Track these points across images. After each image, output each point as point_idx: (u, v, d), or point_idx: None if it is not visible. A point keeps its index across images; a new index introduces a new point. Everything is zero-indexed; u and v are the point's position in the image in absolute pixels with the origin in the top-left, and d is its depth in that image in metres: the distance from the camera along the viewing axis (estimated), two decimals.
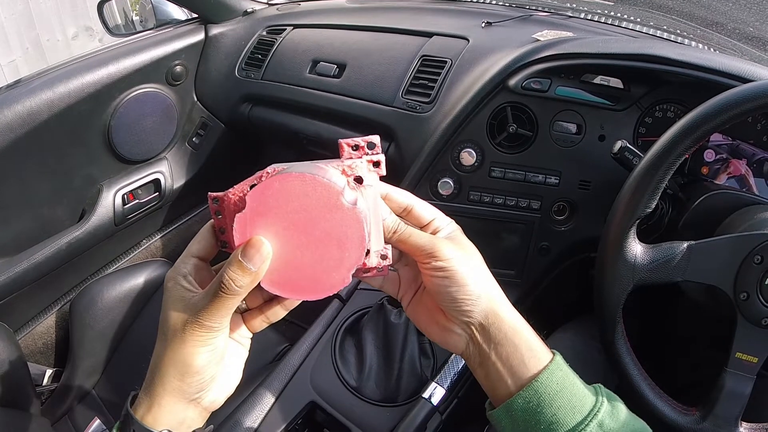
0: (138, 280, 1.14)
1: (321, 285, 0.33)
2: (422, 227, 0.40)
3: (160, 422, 0.35)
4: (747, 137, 0.71)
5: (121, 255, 1.20)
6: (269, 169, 0.34)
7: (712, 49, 0.84)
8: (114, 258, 1.19)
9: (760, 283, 0.52)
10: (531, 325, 0.39)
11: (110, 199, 1.08)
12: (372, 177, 0.36)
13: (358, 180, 0.34)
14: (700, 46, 0.86)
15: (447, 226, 0.40)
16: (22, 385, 0.93)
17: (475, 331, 0.38)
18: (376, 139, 0.36)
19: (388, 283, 0.43)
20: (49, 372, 1.08)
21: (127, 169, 1.13)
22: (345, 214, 0.32)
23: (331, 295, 0.34)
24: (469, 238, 0.40)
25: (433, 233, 0.39)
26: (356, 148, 0.36)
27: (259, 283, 0.34)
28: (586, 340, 0.76)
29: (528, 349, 0.37)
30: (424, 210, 0.40)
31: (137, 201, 1.14)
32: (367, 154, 0.36)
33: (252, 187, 0.34)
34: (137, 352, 1.09)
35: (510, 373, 0.37)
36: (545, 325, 0.83)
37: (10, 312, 1.00)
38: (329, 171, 0.33)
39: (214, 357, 0.35)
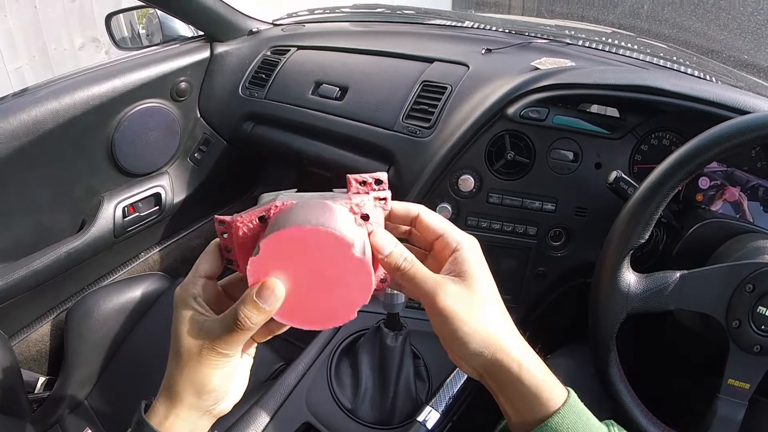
0: (135, 292, 1.14)
1: (328, 318, 0.36)
2: (433, 242, 0.39)
3: (174, 430, 0.37)
4: (741, 164, 0.73)
5: (119, 267, 1.20)
6: (278, 202, 0.36)
7: (708, 77, 0.85)
8: (112, 269, 1.19)
9: (752, 310, 0.53)
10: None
11: (111, 211, 1.09)
12: (378, 213, 0.37)
13: (365, 218, 0.36)
14: (696, 73, 0.87)
15: (458, 245, 0.37)
16: (14, 391, 0.92)
17: (480, 373, 0.38)
18: (383, 176, 0.37)
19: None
20: (42, 380, 1.07)
21: (129, 181, 1.14)
22: (355, 265, 0.34)
23: (336, 326, 0.35)
24: None
25: (443, 256, 0.38)
26: (363, 183, 0.37)
27: None
28: (581, 365, 0.76)
29: (535, 396, 0.36)
30: (433, 220, 0.39)
31: (137, 214, 1.14)
32: (374, 190, 0.37)
33: (260, 218, 0.36)
34: (132, 365, 1.08)
35: (517, 415, 0.37)
36: (543, 349, 0.83)
37: (6, 318, 0.99)
38: (338, 215, 0.34)
39: (227, 376, 0.37)
